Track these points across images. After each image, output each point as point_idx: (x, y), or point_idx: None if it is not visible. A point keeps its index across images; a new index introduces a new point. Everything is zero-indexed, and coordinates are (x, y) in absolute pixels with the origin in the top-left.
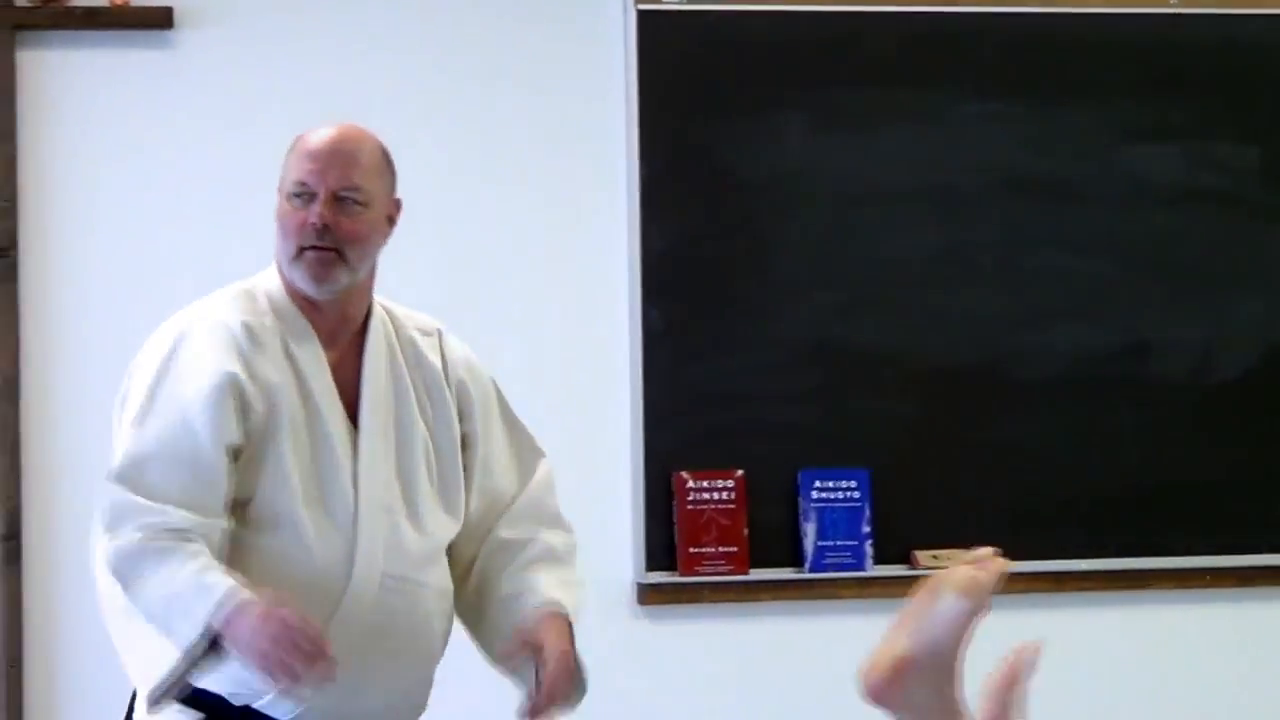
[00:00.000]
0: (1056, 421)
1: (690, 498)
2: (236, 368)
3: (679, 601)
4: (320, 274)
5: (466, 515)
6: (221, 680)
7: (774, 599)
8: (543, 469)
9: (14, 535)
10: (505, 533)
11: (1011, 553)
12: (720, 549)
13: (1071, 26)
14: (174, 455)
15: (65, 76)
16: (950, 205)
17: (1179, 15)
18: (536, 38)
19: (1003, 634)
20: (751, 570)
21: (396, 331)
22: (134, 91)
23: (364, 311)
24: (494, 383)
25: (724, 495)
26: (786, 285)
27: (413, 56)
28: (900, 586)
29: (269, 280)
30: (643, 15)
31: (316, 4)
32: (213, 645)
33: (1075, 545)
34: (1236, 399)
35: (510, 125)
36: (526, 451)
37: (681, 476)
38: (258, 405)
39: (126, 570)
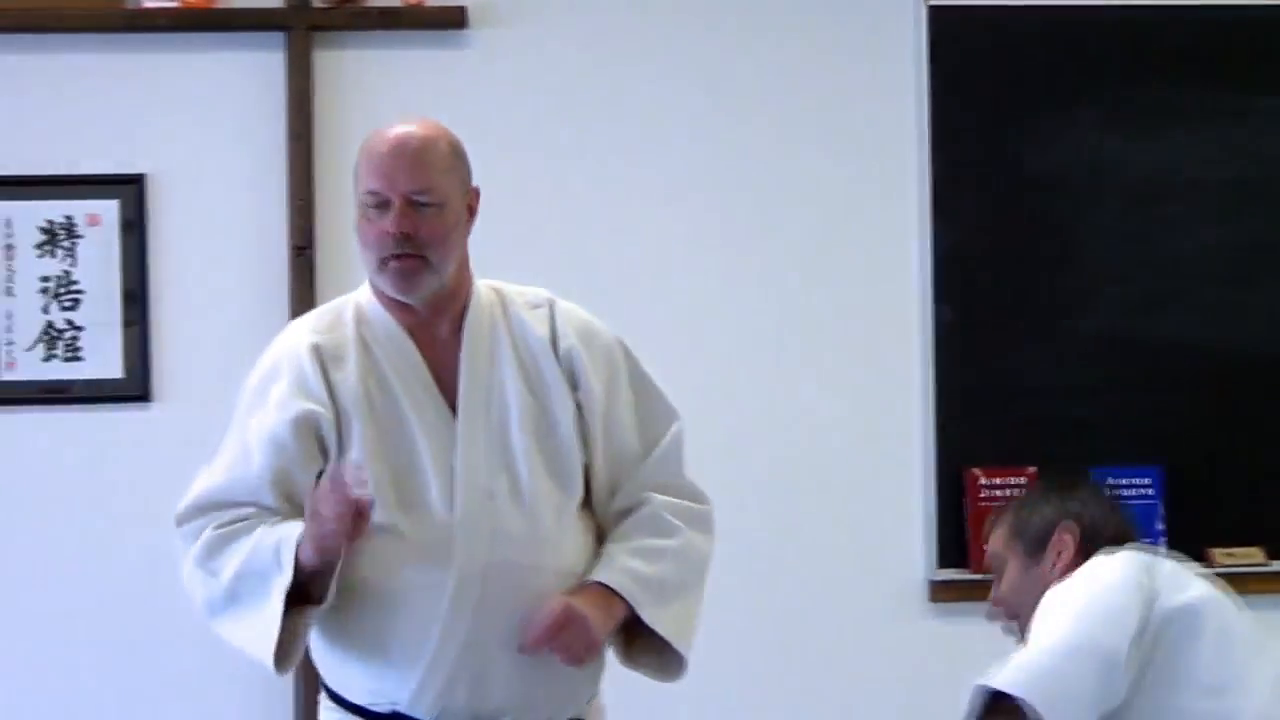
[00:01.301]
0: None
1: (982, 494)
2: (304, 404)
3: (971, 599)
4: (405, 284)
5: (595, 483)
6: (359, 691)
7: None
8: (673, 432)
9: None
10: (619, 503)
11: None
12: None
13: None
14: (223, 491)
15: (360, 76)
16: (1247, 199)
17: None
18: (827, 35)
19: None
20: None
21: (505, 311)
22: (428, 90)
23: (462, 301)
24: (620, 344)
25: (1017, 492)
26: (1080, 281)
27: (702, 57)
28: None
29: (362, 290)
30: (933, 11)
31: (609, 4)
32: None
33: None
34: None
35: (801, 123)
36: (655, 413)
37: (973, 473)
38: (328, 432)
39: (203, 571)
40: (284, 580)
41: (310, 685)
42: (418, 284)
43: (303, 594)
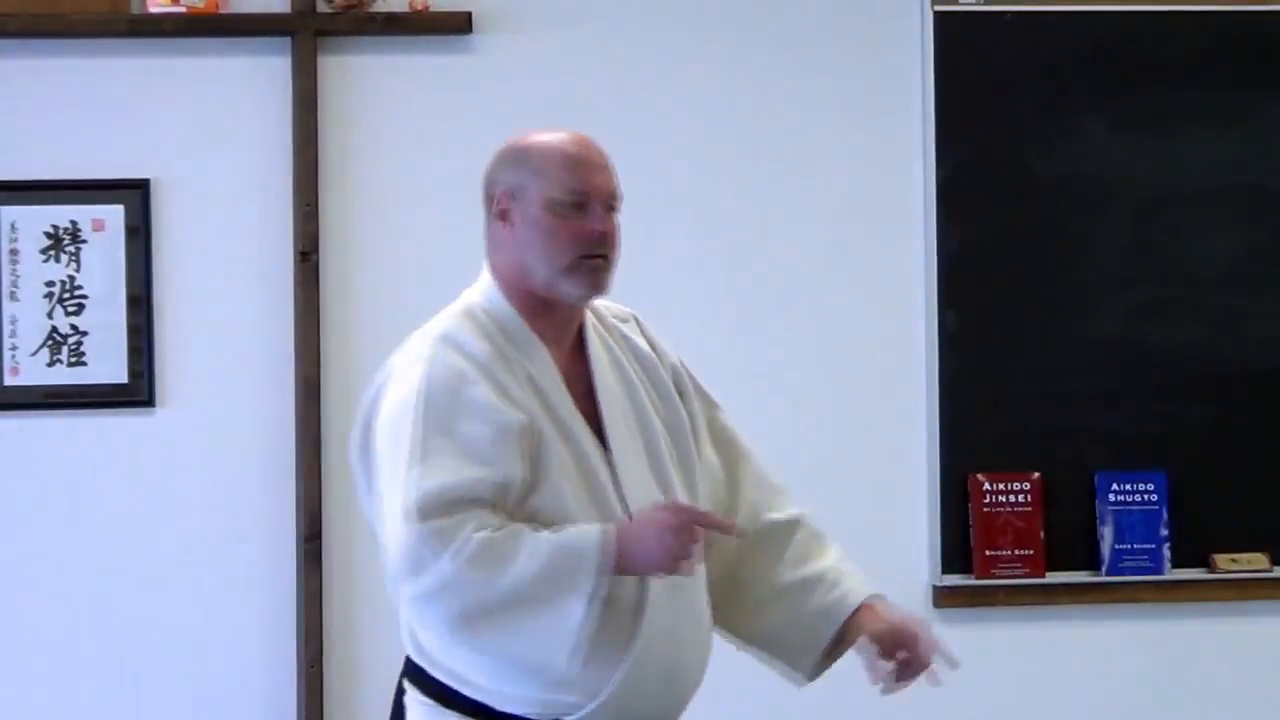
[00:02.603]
0: None
1: (987, 500)
2: (514, 412)
3: (974, 604)
4: (599, 282)
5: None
6: (522, 702)
7: (1071, 602)
8: (740, 437)
9: (315, 536)
10: (769, 515)
11: None
12: (1016, 552)
13: None
14: (467, 488)
15: (366, 81)
16: (1254, 206)
17: None
18: (832, 40)
19: None
20: (1048, 573)
21: (602, 323)
22: (433, 96)
23: (583, 311)
24: (682, 361)
25: (1021, 498)
26: (1085, 287)
27: (707, 62)
28: (1199, 590)
29: (482, 296)
30: (940, 16)
31: (615, 8)
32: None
33: None
34: None
35: (807, 128)
36: (724, 427)
37: (978, 479)
38: (530, 441)
39: (478, 574)
40: (598, 587)
41: (313, 689)
42: (605, 285)
43: None
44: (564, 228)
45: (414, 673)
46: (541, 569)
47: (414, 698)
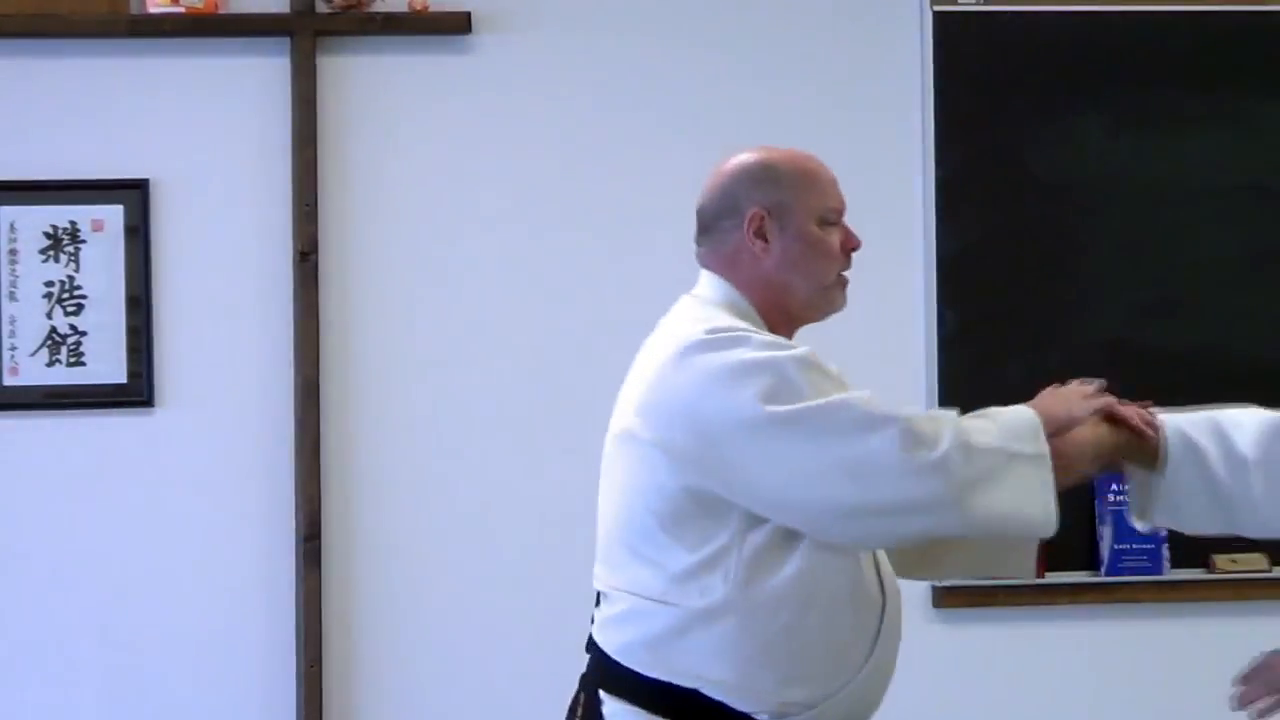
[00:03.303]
0: None
1: None
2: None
3: (974, 604)
4: (844, 298)
5: None
6: (756, 699)
7: (1071, 602)
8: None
9: (314, 536)
10: None
11: None
12: None
13: None
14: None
15: (365, 82)
16: (1254, 205)
17: None
18: (833, 39)
19: None
20: (1047, 574)
21: None
22: (433, 96)
23: None
24: None
25: None
26: (1086, 287)
27: (706, 62)
28: (1198, 591)
29: (731, 305)
30: (939, 16)
31: (614, 8)
32: None
33: None
34: None
35: (806, 127)
36: None
37: None
38: None
39: (971, 444)
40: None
41: (313, 689)
42: (845, 302)
43: None
44: (829, 243)
45: (618, 678)
46: (1004, 437)
47: (617, 707)
